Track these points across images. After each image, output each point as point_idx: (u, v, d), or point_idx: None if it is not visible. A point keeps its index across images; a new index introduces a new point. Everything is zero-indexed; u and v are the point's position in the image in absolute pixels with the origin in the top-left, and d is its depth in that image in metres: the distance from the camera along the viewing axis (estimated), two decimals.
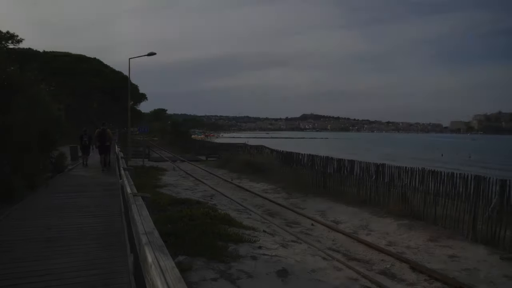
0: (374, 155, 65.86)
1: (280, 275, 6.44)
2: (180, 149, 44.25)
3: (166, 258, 1.70)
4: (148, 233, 2.11)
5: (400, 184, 13.56)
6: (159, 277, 1.48)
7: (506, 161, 56.70)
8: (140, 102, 66.42)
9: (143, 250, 1.91)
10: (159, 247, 1.87)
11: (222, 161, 27.09)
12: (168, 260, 1.66)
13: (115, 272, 4.39)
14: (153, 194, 12.67)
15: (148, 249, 1.81)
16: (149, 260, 1.68)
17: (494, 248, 8.69)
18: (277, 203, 14.22)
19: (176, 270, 1.56)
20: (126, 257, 4.64)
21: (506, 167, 47.10)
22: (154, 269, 1.57)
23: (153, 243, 1.92)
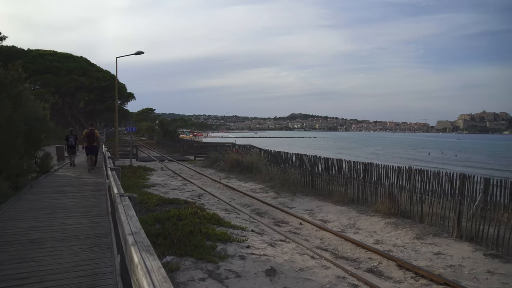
0: (361, 154, 66.47)
1: (269, 274, 6.45)
2: (168, 149, 44.04)
3: (152, 258, 1.69)
4: (135, 233, 2.10)
5: (388, 183, 13.72)
6: (145, 277, 1.47)
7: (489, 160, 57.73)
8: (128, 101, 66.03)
9: (129, 251, 1.89)
10: (146, 247, 1.86)
11: (210, 161, 27.01)
12: (155, 261, 1.65)
13: (102, 273, 4.34)
14: (141, 194, 12.63)
15: (135, 249, 1.79)
16: (135, 260, 1.66)
17: (478, 245, 8.84)
18: (266, 202, 14.24)
19: (162, 270, 1.55)
20: (113, 258, 4.60)
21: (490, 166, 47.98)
22: (140, 269, 1.56)
23: (140, 243, 1.90)
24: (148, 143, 56.72)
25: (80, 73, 42.24)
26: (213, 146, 36.05)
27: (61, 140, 20.71)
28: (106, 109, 60.63)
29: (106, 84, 47.01)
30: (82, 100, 56.68)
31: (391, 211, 11.55)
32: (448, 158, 58.14)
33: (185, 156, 34.39)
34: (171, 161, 30.35)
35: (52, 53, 42.80)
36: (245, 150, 27.95)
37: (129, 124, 26.97)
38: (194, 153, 33.26)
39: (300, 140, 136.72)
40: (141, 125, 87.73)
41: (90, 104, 58.10)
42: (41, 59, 40.12)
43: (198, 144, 41.15)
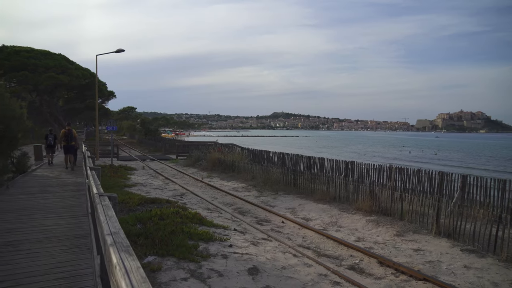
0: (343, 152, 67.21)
1: (251, 273, 6.45)
2: (149, 148, 43.60)
3: (131, 258, 1.66)
4: (114, 234, 2.06)
5: (369, 181, 13.90)
6: (124, 278, 1.44)
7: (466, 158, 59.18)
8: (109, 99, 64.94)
9: (108, 251, 1.86)
10: (125, 247, 1.83)
11: (193, 160, 26.85)
12: (134, 261, 1.63)
13: (81, 274, 4.26)
14: (122, 194, 12.46)
15: (113, 249, 1.76)
16: (114, 261, 1.63)
17: (455, 240, 9.05)
18: (248, 201, 14.24)
19: (141, 270, 1.53)
20: (93, 259, 4.52)
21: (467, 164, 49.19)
22: (118, 270, 1.53)
23: (119, 244, 1.87)
24: (129, 142, 56.03)
25: (58, 71, 41.29)
26: (195, 145, 35.85)
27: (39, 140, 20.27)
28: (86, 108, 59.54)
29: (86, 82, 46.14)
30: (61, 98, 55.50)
31: (372, 209, 11.71)
32: (428, 157, 59.31)
33: (167, 155, 34.11)
34: (152, 160, 30.05)
35: (29, 50, 41.71)
36: (228, 149, 27.90)
37: (110, 123, 26.57)
38: (176, 152, 33.01)
39: (282, 139, 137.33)
40: (122, 124, 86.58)
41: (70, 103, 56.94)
42: (17, 55, 39.03)
43: (180, 143, 40.86)
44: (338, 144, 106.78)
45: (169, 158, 31.81)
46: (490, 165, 47.74)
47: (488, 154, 69.90)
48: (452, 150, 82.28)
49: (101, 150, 30.52)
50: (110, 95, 61.64)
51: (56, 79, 40.13)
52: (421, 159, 54.33)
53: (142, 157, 32.42)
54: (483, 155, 68.63)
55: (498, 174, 32.49)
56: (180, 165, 26.84)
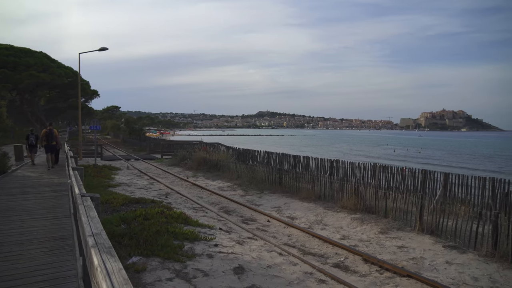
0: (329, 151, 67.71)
1: (237, 272, 6.44)
2: (134, 147, 43.18)
3: (113, 260, 1.63)
4: (95, 235, 2.02)
5: (354, 180, 14.03)
6: (105, 280, 1.41)
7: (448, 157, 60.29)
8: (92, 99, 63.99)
9: (89, 253, 1.82)
10: (107, 248, 1.79)
11: (178, 159, 26.67)
12: (115, 262, 1.60)
13: (64, 277, 4.18)
14: (106, 194, 12.29)
15: (95, 251, 1.73)
16: (95, 262, 1.60)
17: (437, 237, 9.21)
18: (233, 200, 14.22)
19: (123, 272, 1.50)
20: (75, 261, 4.44)
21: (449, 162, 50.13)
22: (100, 272, 1.50)
23: (100, 245, 1.83)
24: (113, 142, 55.36)
25: (39, 69, 40.39)
26: (180, 144, 35.61)
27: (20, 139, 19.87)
28: (69, 107, 58.58)
29: (69, 81, 45.31)
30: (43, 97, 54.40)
31: (357, 207, 11.82)
32: (412, 155, 60.17)
33: (152, 155, 33.84)
34: (137, 160, 29.74)
35: (8, 47, 40.68)
36: (213, 148, 27.81)
37: (93, 122, 26.19)
38: (161, 152, 32.76)
39: (267, 138, 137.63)
40: (106, 123, 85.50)
41: (52, 102, 55.86)
42: None
43: (165, 143, 40.52)
44: (323, 143, 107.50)
45: (154, 157, 31.55)
46: (470, 163, 48.75)
47: (468, 153, 71.35)
48: (435, 148, 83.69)
49: (84, 149, 30.09)
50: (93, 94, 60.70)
51: (37, 78, 39.28)
52: (406, 157, 55.09)
53: (126, 156, 32.06)
54: (465, 153, 70.03)
55: (478, 172, 33.20)
56: (165, 164, 26.64)
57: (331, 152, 63.42)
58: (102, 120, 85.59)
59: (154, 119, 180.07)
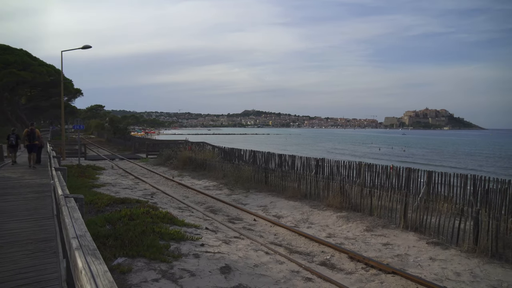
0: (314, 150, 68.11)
1: (223, 272, 6.42)
2: (119, 147, 42.66)
3: (98, 262, 1.60)
4: (80, 237, 1.98)
5: (339, 178, 14.15)
6: (90, 283, 1.38)
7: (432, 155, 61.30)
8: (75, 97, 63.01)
9: (73, 255, 1.78)
10: (91, 251, 1.76)
11: (163, 159, 26.46)
12: (101, 265, 1.57)
13: (46, 280, 4.10)
14: (90, 194, 12.12)
15: (79, 253, 1.69)
16: (80, 265, 1.57)
17: (421, 234, 9.36)
18: (219, 199, 14.18)
19: (108, 274, 1.47)
20: (58, 263, 4.36)
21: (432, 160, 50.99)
22: (84, 275, 1.47)
23: (85, 247, 1.80)
24: (97, 141, 54.61)
25: (20, 67, 39.53)
26: (165, 143, 35.35)
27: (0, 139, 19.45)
28: (52, 106, 57.52)
29: (51, 79, 44.48)
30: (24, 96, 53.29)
31: (343, 205, 11.92)
32: (397, 154, 60.96)
33: (137, 154, 33.49)
34: (122, 159, 29.40)
35: None
36: (199, 147, 27.69)
37: (77, 122, 25.76)
38: (146, 151, 32.45)
39: (253, 137, 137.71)
40: (89, 122, 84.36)
41: (33, 100, 54.73)
42: None
43: (150, 142, 40.16)
44: (309, 141, 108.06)
45: (139, 157, 31.24)
46: (453, 161, 49.67)
47: (451, 151, 72.68)
48: (418, 147, 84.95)
49: (67, 149, 29.60)
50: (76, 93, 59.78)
51: (18, 76, 38.45)
52: (391, 156, 55.76)
53: (111, 156, 31.66)
54: (447, 151, 71.32)
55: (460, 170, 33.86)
56: (150, 164, 26.41)
57: (317, 151, 63.81)
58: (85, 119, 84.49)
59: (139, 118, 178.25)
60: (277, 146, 76.76)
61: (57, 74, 41.17)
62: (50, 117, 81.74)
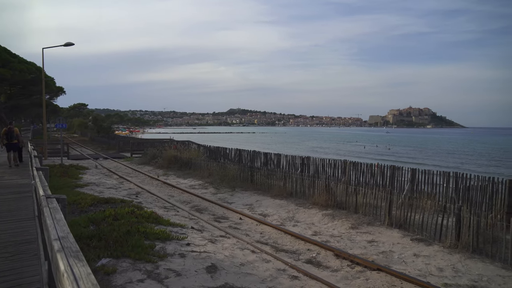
0: (300, 148, 68.43)
1: (209, 271, 6.39)
2: (102, 146, 42.12)
3: (81, 264, 1.56)
4: (62, 238, 1.93)
5: (324, 176, 14.24)
6: (72, 286, 1.35)
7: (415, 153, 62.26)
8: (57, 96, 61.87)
9: (55, 258, 1.73)
10: (74, 252, 1.72)
11: (148, 158, 26.22)
12: (84, 267, 1.53)
13: (27, 283, 4.00)
14: (73, 195, 11.92)
15: (61, 255, 1.65)
16: (61, 268, 1.52)
17: (406, 231, 9.49)
18: (205, 198, 14.12)
19: (92, 277, 1.44)
20: (40, 266, 4.26)
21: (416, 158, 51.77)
22: (66, 278, 1.43)
23: (67, 249, 1.75)
24: (80, 140, 53.82)
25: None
26: (150, 142, 35.04)
27: None
28: (32, 104, 56.29)
29: (32, 77, 43.52)
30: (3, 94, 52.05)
31: (328, 203, 11.99)
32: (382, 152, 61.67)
33: (121, 154, 33.11)
34: (106, 158, 29.02)
35: None
36: (184, 146, 27.51)
37: (59, 120, 25.31)
38: (131, 150, 32.10)
39: (239, 136, 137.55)
40: (72, 121, 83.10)
41: (13, 99, 53.46)
42: None
43: (135, 141, 39.75)
44: (294, 140, 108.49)
45: (123, 156, 30.90)
46: (436, 159, 50.51)
47: (433, 148, 73.94)
48: (402, 145, 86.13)
49: (49, 149, 29.06)
50: (59, 91, 58.67)
51: None
52: (376, 154, 56.39)
53: (94, 155, 31.22)
54: (430, 149, 72.54)
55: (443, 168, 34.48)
56: (135, 163, 26.14)
57: (302, 149, 64.12)
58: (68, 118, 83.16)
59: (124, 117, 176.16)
60: (263, 144, 76.88)
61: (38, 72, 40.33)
62: (31, 116, 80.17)
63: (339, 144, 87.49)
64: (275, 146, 70.78)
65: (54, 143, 35.51)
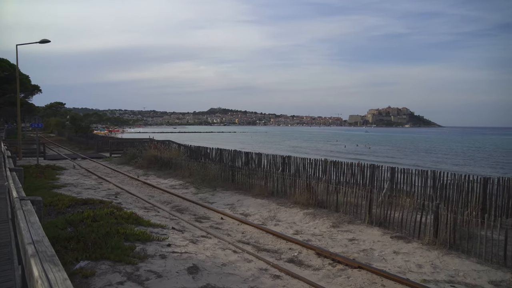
0: (280, 147, 68.69)
1: (191, 272, 6.32)
2: (81, 146, 41.28)
3: (57, 269, 1.49)
4: (36, 242, 1.85)
5: (305, 175, 14.31)
6: None
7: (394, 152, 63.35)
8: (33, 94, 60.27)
9: (29, 263, 1.66)
10: (49, 257, 1.65)
11: (127, 158, 25.83)
12: (59, 272, 1.46)
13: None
14: (50, 196, 11.62)
15: (35, 260, 1.58)
16: (36, 274, 1.45)
17: (386, 229, 9.63)
18: (186, 198, 13.99)
19: (68, 282, 1.38)
20: (13, 270, 4.11)
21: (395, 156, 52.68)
22: (41, 284, 1.36)
23: (42, 253, 1.68)
24: (58, 140, 52.60)
25: None
26: (130, 142, 34.53)
27: None
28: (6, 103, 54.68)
29: (5, 75, 42.27)
30: None
31: (309, 202, 12.05)
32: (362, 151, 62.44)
33: (100, 153, 32.52)
34: (84, 159, 28.45)
35: None
36: (164, 146, 27.23)
37: (35, 120, 24.62)
38: (110, 150, 31.55)
39: (219, 135, 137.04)
40: (49, 120, 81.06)
41: None
42: None
43: (114, 141, 39.08)
44: (275, 139, 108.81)
45: (102, 156, 30.35)
46: (415, 158, 51.51)
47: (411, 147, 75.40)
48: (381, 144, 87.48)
49: (24, 149, 28.29)
50: (34, 90, 57.16)
51: None
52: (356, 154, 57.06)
53: (72, 155, 30.56)
54: (408, 147, 73.96)
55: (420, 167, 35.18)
56: (114, 163, 25.71)
57: (283, 149, 64.36)
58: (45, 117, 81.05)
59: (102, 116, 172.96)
60: (244, 144, 76.81)
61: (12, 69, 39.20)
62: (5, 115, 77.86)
63: (319, 143, 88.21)
64: (256, 146, 70.84)
65: (30, 143, 34.58)
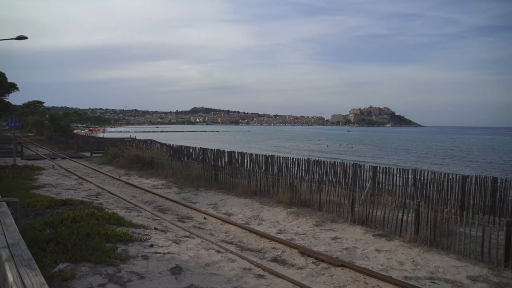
0: (263, 147, 68.82)
1: (174, 273, 6.25)
2: (60, 145, 40.48)
3: (33, 274, 1.43)
4: (12, 246, 1.78)
5: (288, 174, 14.36)
6: None
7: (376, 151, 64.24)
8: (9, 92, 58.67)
9: (3, 268, 1.59)
10: (26, 261, 1.58)
11: (109, 157, 25.44)
12: (36, 276, 1.40)
13: None
14: (27, 197, 11.33)
15: (10, 265, 1.51)
16: (10, 279, 1.39)
17: (368, 227, 9.73)
18: (168, 198, 13.86)
19: (46, 287, 1.32)
20: None
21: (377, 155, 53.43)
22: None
23: (17, 257, 1.61)
24: (36, 140, 51.47)
25: None
26: (111, 141, 34.06)
27: None
28: None
29: None
30: None
31: (292, 201, 12.09)
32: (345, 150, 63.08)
33: (81, 153, 31.98)
34: (64, 158, 27.89)
35: None
36: (146, 145, 26.93)
37: (11, 118, 23.99)
38: (91, 150, 31.02)
39: (202, 134, 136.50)
40: (27, 119, 79.21)
41: None
42: None
43: (95, 140, 38.45)
44: (258, 138, 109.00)
45: (82, 156, 29.84)
46: (396, 157, 52.34)
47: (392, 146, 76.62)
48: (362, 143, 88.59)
49: (1, 148, 27.57)
50: (11, 88, 55.68)
51: None
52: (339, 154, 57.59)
53: (51, 155, 29.92)
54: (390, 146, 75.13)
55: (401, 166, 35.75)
56: (95, 163, 25.28)
57: (266, 148, 64.49)
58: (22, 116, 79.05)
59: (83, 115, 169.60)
60: (226, 143, 76.61)
61: None
62: None
63: (302, 142, 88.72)
64: (239, 145, 70.76)
65: (6, 143, 33.73)
